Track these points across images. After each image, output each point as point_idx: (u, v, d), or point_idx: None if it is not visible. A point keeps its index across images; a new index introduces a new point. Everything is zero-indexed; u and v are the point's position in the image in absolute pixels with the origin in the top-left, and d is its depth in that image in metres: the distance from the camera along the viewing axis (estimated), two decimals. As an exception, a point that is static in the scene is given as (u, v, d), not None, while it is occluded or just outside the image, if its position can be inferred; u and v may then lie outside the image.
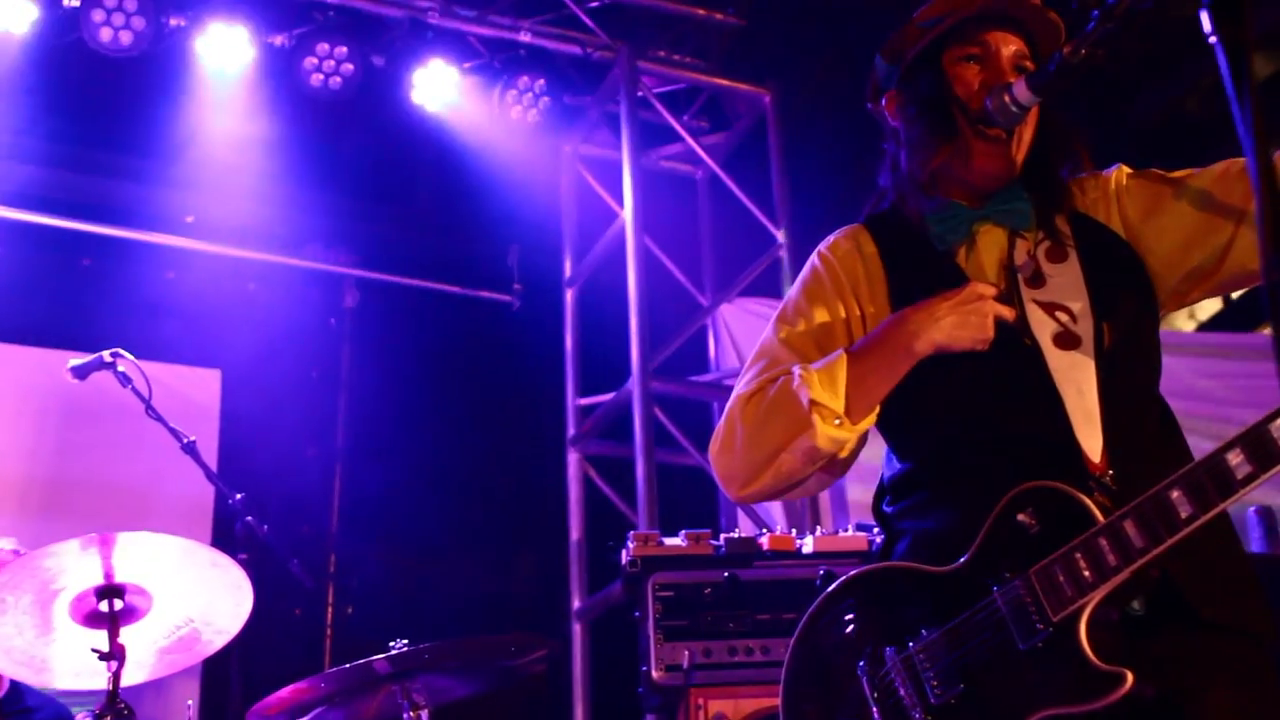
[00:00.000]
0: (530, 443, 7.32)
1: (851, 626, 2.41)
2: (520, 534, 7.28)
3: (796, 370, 2.42)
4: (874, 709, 2.31)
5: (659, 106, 7.13)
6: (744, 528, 6.12)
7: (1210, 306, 9.83)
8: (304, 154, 6.85)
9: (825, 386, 2.37)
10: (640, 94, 7.04)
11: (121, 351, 4.88)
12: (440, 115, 6.90)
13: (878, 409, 2.42)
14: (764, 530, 5.05)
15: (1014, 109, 2.42)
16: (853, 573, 2.45)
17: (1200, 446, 2.20)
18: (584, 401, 7.08)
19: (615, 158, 7.04)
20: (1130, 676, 2.06)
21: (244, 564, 4.46)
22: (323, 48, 6.47)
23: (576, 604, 6.61)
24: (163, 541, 3.43)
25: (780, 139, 7.06)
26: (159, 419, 4.85)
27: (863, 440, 2.47)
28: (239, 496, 4.90)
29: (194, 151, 6.62)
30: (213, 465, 5.81)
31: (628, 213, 6.75)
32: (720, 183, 7.15)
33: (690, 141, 7.15)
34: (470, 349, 7.38)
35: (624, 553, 5.02)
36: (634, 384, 6.36)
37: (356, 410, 7.26)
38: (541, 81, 6.96)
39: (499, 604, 7.07)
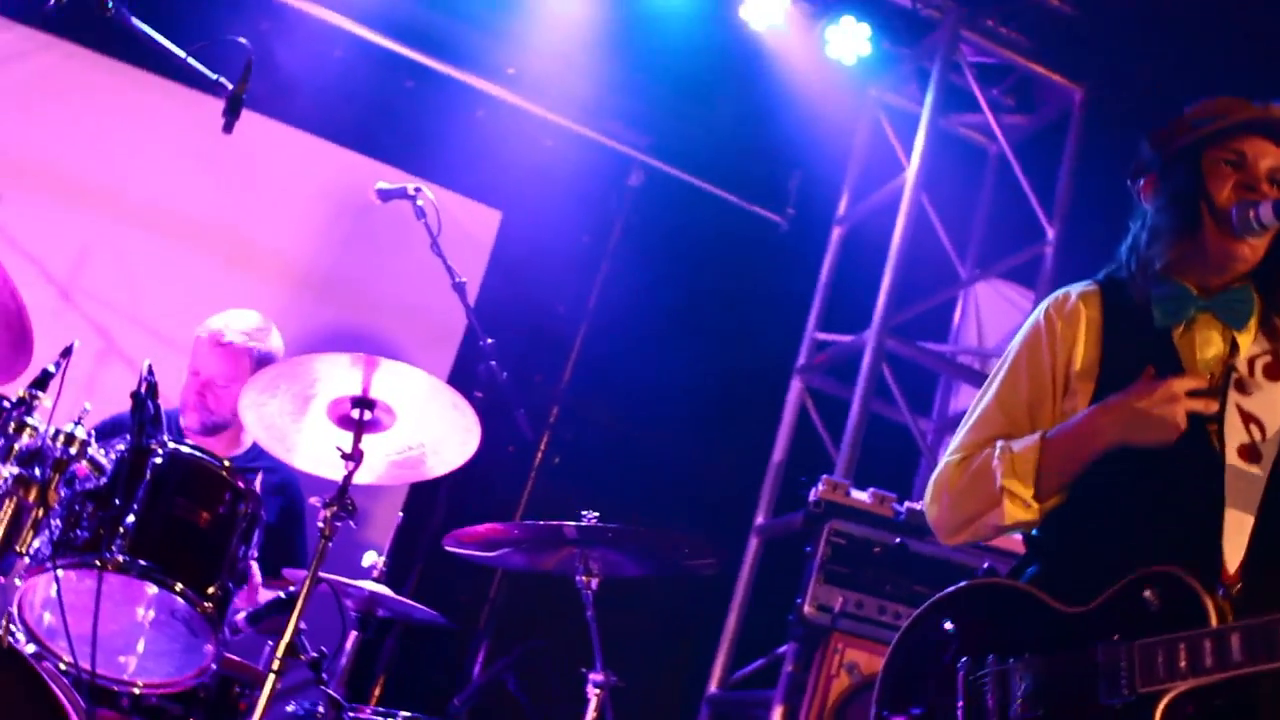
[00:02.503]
0: (761, 360, 7.60)
1: (968, 625, 2.70)
2: (730, 441, 7.59)
3: (998, 448, 2.71)
4: (959, 702, 2.60)
5: (969, 76, 7.26)
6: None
7: None
8: (627, 39, 7.20)
9: (1019, 472, 2.66)
10: (955, 59, 7.19)
11: (423, 188, 5.35)
12: (762, 34, 7.19)
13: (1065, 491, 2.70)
14: (948, 510, 5.27)
15: (1256, 226, 2.59)
16: (985, 579, 2.76)
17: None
18: (821, 336, 7.36)
19: (915, 112, 7.23)
20: (1183, 764, 2.30)
21: (477, 401, 4.95)
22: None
23: (759, 520, 6.96)
24: (416, 375, 3.87)
25: (1079, 138, 7.16)
26: (440, 255, 5.29)
27: None
28: (489, 341, 5.36)
29: (529, 9, 7.08)
30: (473, 297, 6.30)
31: (912, 169, 6.96)
32: (1008, 163, 7.28)
33: (990, 118, 7.27)
34: (731, 256, 7.66)
35: (813, 491, 5.35)
36: (871, 334, 6.61)
37: (614, 282, 7.60)
38: (866, 26, 7.18)
39: (692, 497, 7.39)
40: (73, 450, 3.38)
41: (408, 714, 4.16)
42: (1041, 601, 2.62)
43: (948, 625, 2.74)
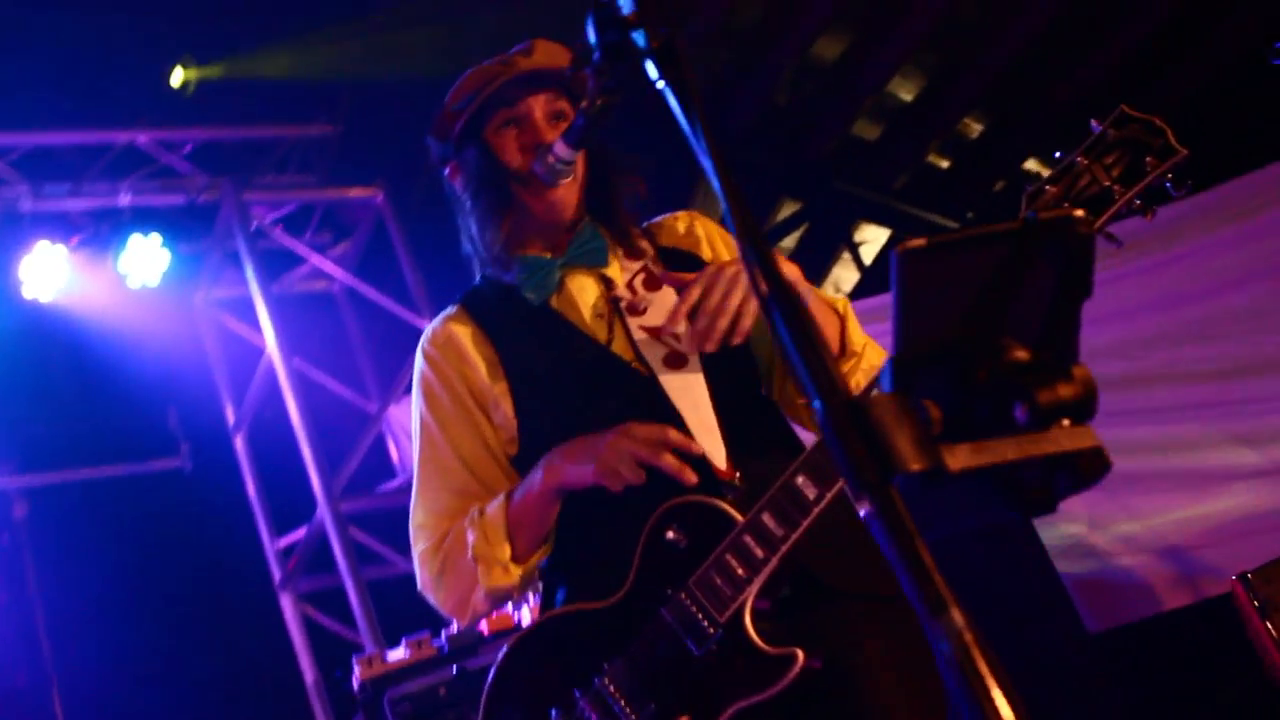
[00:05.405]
0: (242, 598, 7.15)
1: (533, 682, 2.49)
2: (257, 688, 7.09)
3: (469, 518, 2.52)
4: None
5: (274, 233, 7.10)
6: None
7: (849, 278, 10.36)
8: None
9: (490, 538, 2.49)
10: (255, 225, 6.99)
11: None
12: (59, 302, 6.66)
13: (549, 542, 2.54)
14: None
15: (559, 166, 2.53)
16: (518, 634, 2.54)
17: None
18: (283, 542, 6.99)
19: (248, 295, 6.96)
20: (801, 654, 2.21)
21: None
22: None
23: (330, 743, 6.51)
24: None
25: (402, 233, 7.16)
26: None
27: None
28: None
29: None
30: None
31: (271, 344, 6.68)
32: (356, 290, 7.18)
33: (317, 261, 7.15)
34: (155, 521, 7.14)
35: (353, 679, 4.98)
36: (323, 511, 6.31)
37: (57, 618, 6.92)
38: (155, 237, 6.75)
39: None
40: None
41: None
42: (585, 611, 2.45)
43: (515, 699, 2.52)
